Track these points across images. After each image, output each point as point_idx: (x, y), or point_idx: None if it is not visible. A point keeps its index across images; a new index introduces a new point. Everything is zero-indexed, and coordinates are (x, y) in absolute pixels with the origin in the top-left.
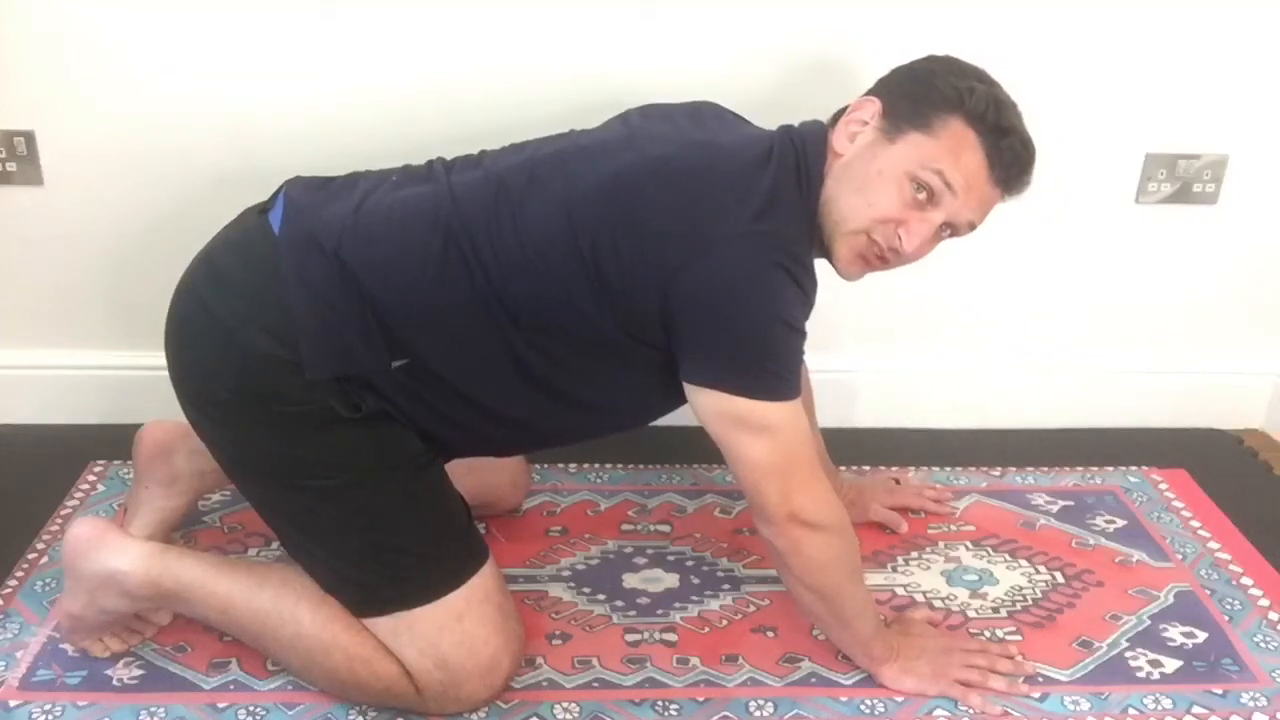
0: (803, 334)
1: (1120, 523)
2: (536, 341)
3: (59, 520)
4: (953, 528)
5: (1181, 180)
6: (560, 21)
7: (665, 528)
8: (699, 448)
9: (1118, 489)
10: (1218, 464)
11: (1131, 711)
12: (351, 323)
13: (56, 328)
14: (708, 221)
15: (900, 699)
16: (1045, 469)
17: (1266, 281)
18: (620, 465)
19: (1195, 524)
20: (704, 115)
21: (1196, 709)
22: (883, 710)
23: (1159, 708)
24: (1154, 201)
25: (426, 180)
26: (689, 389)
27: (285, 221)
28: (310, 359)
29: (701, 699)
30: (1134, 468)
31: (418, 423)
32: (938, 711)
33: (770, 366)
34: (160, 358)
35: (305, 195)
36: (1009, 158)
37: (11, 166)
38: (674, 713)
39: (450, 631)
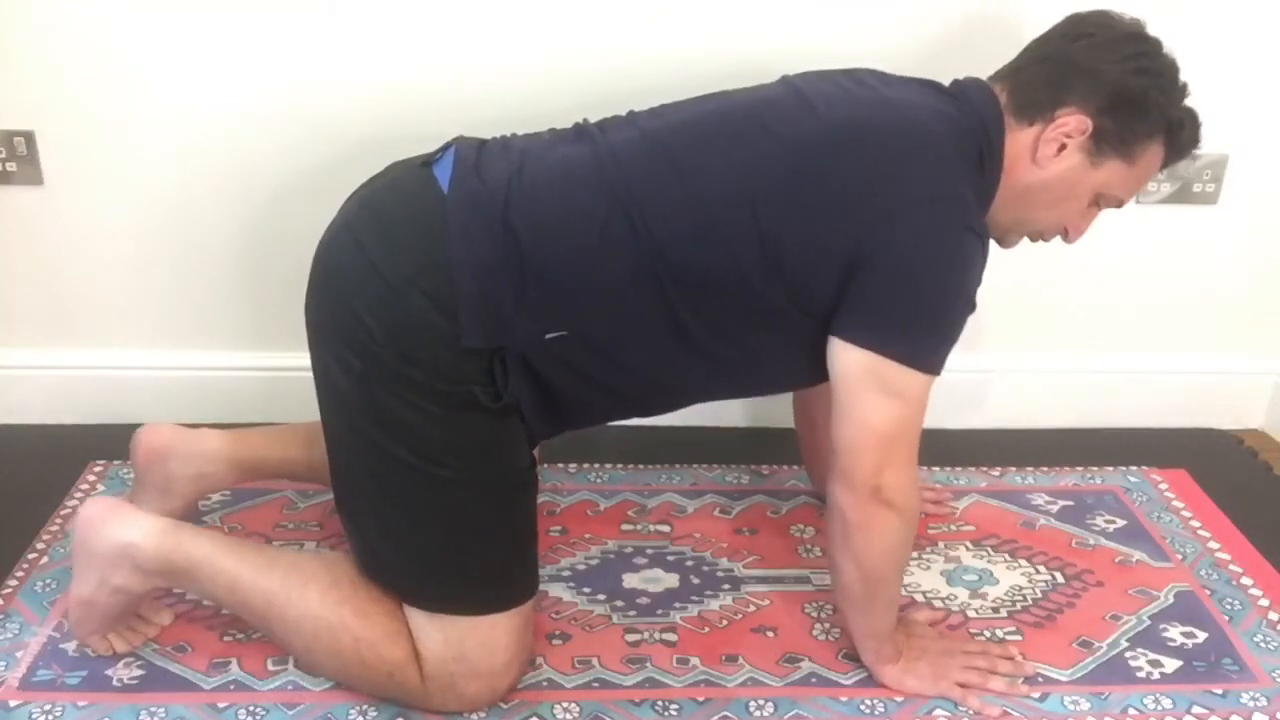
0: (973, 310)
1: (1120, 523)
2: (696, 305)
3: (59, 520)
4: (953, 528)
5: (1181, 180)
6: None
7: (665, 528)
8: (699, 448)
9: (1118, 489)
10: (1218, 464)
11: (1131, 711)
12: (509, 289)
13: (56, 328)
14: (905, 180)
15: (900, 699)
16: (1045, 469)
17: (1266, 281)
18: (620, 465)
19: (1195, 524)
20: (863, 77)
21: (1196, 709)
22: (883, 710)
23: (1159, 708)
24: (1154, 201)
25: (579, 140)
26: (837, 343)
27: (455, 180)
28: (469, 327)
29: (701, 699)
30: (1134, 468)
31: (561, 395)
32: (938, 712)
33: (936, 339)
34: (159, 358)
35: (472, 155)
36: (1179, 157)
37: (11, 166)
38: (674, 713)
39: (480, 633)
